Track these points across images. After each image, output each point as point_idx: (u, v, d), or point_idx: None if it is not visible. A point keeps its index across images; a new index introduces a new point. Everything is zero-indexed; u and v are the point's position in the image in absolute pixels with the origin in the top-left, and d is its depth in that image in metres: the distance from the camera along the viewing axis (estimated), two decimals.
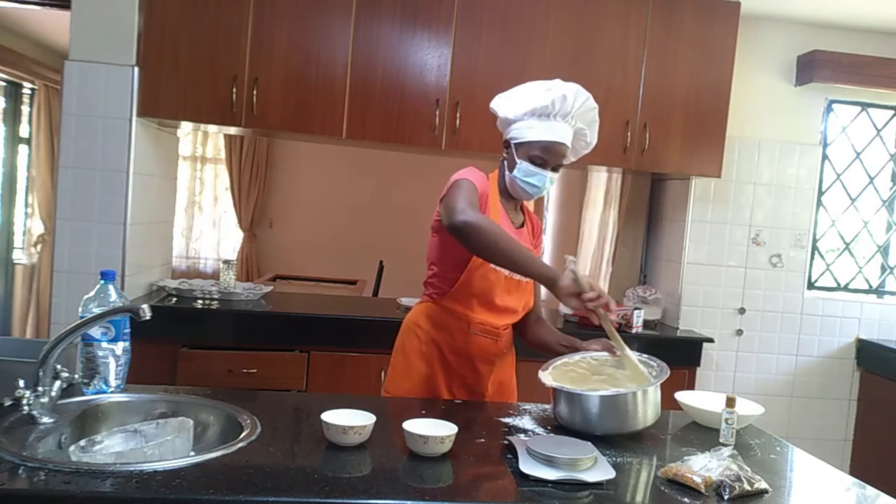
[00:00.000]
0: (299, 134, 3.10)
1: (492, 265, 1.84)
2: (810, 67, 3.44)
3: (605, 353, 1.82)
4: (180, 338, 2.87)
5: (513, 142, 1.89)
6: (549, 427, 1.63)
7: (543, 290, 2.11)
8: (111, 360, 1.56)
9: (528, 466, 1.30)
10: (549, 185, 1.89)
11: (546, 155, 1.85)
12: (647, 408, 1.60)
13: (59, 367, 1.42)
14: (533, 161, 1.85)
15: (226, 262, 3.33)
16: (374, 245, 6.15)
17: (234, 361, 2.87)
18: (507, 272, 1.88)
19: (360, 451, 1.37)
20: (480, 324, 1.90)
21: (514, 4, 3.05)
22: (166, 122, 3.06)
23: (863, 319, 3.68)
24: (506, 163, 1.93)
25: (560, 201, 4.99)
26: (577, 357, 1.82)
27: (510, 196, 1.96)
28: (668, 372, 1.69)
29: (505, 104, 1.91)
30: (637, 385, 1.65)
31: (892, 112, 3.71)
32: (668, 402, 1.84)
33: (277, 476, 1.21)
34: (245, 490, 1.14)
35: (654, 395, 1.63)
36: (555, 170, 1.89)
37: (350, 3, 2.94)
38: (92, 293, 1.56)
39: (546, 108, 1.83)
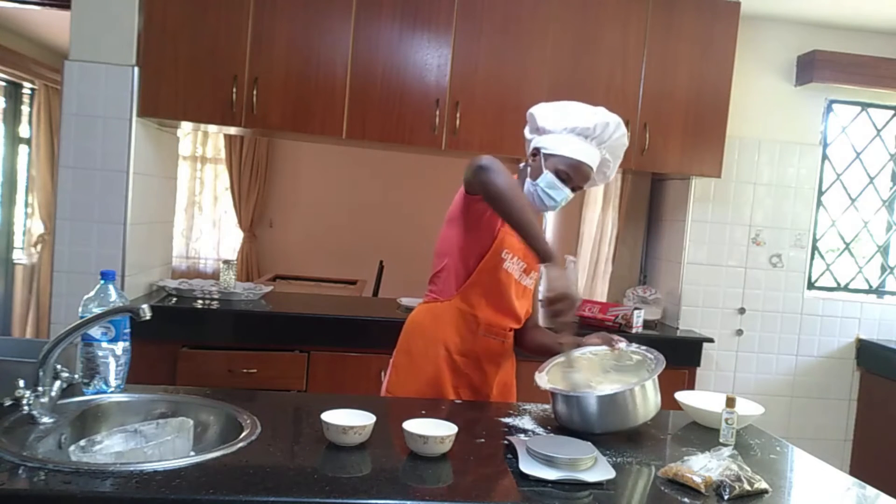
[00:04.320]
0: (299, 134, 3.10)
1: (504, 267, 1.86)
2: (810, 67, 3.44)
3: (605, 347, 1.83)
4: (180, 338, 2.86)
5: (543, 151, 1.89)
6: (549, 427, 1.63)
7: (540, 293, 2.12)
8: (111, 360, 1.56)
9: (528, 466, 1.30)
10: (565, 202, 1.90)
11: (573, 172, 1.86)
12: (647, 402, 1.60)
13: (59, 367, 1.42)
14: (559, 175, 1.86)
15: (226, 262, 3.33)
16: (374, 245, 6.14)
17: (234, 361, 2.86)
18: (516, 275, 1.90)
19: (360, 451, 1.37)
20: (488, 325, 1.90)
21: (514, 4, 3.05)
22: (166, 122, 3.06)
23: (863, 319, 3.68)
24: (529, 170, 1.93)
25: None
26: (576, 353, 1.83)
27: None
28: (664, 363, 1.70)
29: (547, 114, 1.91)
30: (631, 379, 1.66)
31: (892, 112, 3.71)
32: (668, 402, 1.84)
33: (277, 476, 1.21)
34: (245, 490, 1.14)
35: (653, 389, 1.63)
36: (574, 190, 1.90)
37: (350, 3, 2.94)
38: (92, 293, 1.56)
39: (588, 129, 1.84)
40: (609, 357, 1.84)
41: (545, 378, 1.71)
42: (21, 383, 1.37)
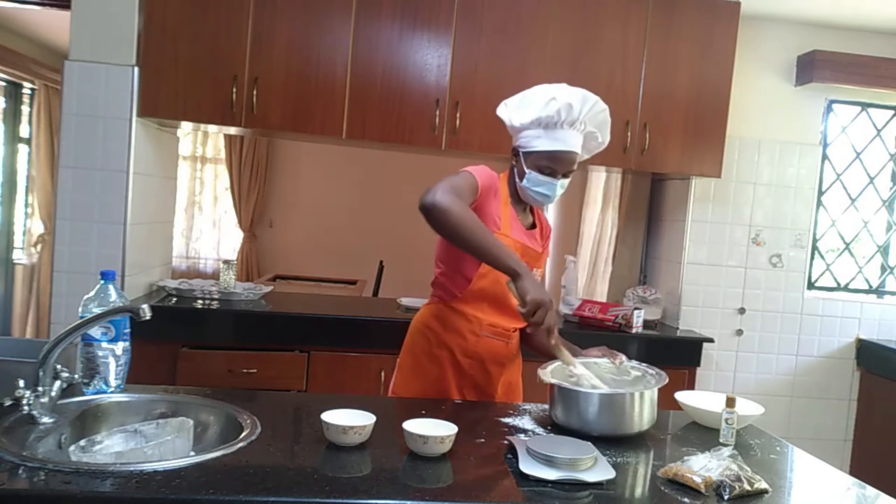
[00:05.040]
0: (299, 134, 3.10)
1: None
2: (810, 67, 3.44)
3: (605, 360, 1.82)
4: (180, 338, 2.86)
5: (520, 150, 1.86)
6: (549, 427, 1.63)
7: None
8: (111, 360, 1.56)
9: (528, 466, 1.30)
10: (560, 191, 1.87)
11: (554, 164, 1.81)
12: (644, 411, 1.60)
13: (59, 367, 1.42)
14: (541, 171, 1.82)
15: (226, 262, 3.33)
16: (374, 245, 6.14)
17: (234, 361, 2.86)
18: None
19: (360, 451, 1.37)
20: (491, 326, 1.90)
21: (514, 4, 3.05)
22: (166, 122, 3.06)
23: (863, 319, 3.68)
24: (515, 169, 1.90)
25: (560, 201, 4.97)
26: (576, 362, 1.83)
27: (520, 199, 1.94)
28: (667, 379, 1.70)
29: (510, 112, 1.86)
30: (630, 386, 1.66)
31: (892, 112, 3.71)
32: (669, 402, 1.84)
33: (277, 476, 1.21)
34: (245, 490, 1.14)
35: (652, 398, 1.63)
36: (565, 176, 1.86)
37: (350, 3, 2.94)
38: (92, 293, 1.56)
39: (552, 118, 1.78)
40: (608, 369, 1.83)
41: (549, 374, 1.71)
42: (21, 383, 1.37)
